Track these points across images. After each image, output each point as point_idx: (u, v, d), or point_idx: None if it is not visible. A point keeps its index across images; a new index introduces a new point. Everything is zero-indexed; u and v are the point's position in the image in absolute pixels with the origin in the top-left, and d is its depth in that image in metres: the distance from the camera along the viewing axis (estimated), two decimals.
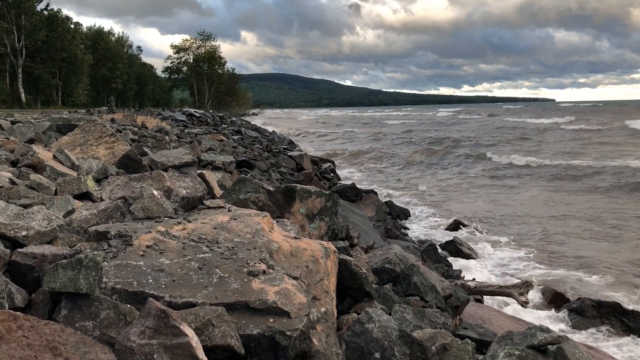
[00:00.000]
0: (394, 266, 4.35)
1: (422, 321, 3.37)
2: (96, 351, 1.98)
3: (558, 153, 27.96)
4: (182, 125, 23.37)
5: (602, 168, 20.98)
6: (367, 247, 5.61)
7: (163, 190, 3.97)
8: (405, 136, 45.16)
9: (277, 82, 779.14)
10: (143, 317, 2.03)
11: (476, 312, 5.39)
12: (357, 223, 8.93)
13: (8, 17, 48.64)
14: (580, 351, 2.52)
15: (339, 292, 3.46)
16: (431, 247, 9.47)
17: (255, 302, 2.47)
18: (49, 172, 5.10)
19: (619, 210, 13.82)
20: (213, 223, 3.36)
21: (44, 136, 8.14)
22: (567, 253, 9.76)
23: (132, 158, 6.44)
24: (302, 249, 3.24)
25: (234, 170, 9.37)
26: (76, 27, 61.82)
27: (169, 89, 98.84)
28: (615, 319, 6.47)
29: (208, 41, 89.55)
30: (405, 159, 28.61)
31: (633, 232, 11.30)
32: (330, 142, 43.20)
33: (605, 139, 34.95)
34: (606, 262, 9.14)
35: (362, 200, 12.84)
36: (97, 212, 3.42)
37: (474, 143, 34.87)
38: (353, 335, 2.71)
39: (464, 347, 2.77)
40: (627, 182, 17.51)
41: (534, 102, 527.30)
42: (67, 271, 2.19)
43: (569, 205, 14.73)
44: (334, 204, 4.73)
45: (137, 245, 2.84)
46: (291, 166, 15.98)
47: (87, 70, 61.90)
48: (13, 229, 2.82)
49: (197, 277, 2.61)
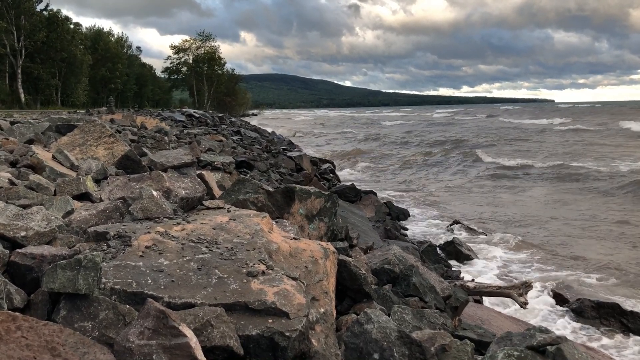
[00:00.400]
0: (393, 267, 4.35)
1: (421, 322, 3.37)
2: (95, 352, 1.98)
3: (556, 154, 28.00)
4: (181, 125, 23.35)
5: (599, 169, 21.05)
6: (367, 247, 5.61)
7: (162, 190, 3.97)
8: (406, 136, 45.52)
9: (276, 82, 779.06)
10: (142, 317, 2.03)
11: (475, 313, 5.39)
12: (357, 224, 8.93)
13: (7, 18, 48.62)
14: (579, 352, 2.52)
15: (338, 292, 3.46)
16: (430, 247, 9.47)
17: (255, 302, 2.47)
18: (48, 173, 5.10)
19: (618, 211, 13.83)
20: (212, 224, 3.36)
21: (43, 136, 8.14)
22: (567, 254, 9.77)
23: (132, 158, 6.43)
24: (302, 250, 3.24)
25: (233, 171, 9.37)
26: (75, 27, 61.79)
27: (168, 90, 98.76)
28: (615, 320, 6.48)
29: (208, 41, 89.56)
30: (403, 159, 28.63)
31: (632, 233, 11.31)
32: (328, 143, 43.28)
33: (602, 140, 35.17)
34: (606, 263, 9.15)
35: (361, 201, 12.85)
36: (96, 213, 3.42)
37: (473, 144, 34.98)
38: (352, 336, 2.71)
39: (463, 348, 2.77)
40: (624, 183, 17.55)
41: (533, 103, 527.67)
42: (66, 272, 2.19)
43: (568, 205, 14.74)
44: (334, 205, 4.73)
45: (136, 245, 2.84)
46: (290, 167, 15.97)
47: (86, 70, 61.84)
48: (12, 229, 2.81)
49: (196, 277, 2.61)
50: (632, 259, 9.34)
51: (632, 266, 8.95)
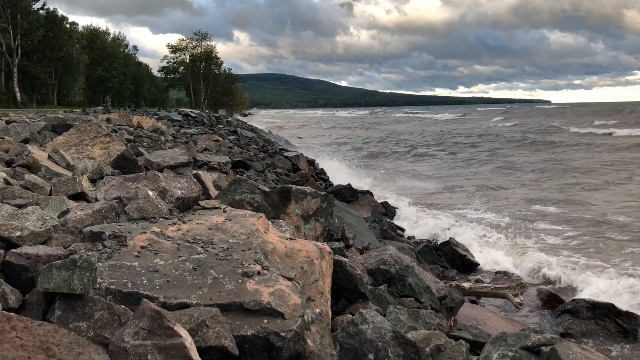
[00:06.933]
0: (389, 267, 4.36)
1: (417, 322, 3.38)
2: (90, 352, 1.98)
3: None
4: (178, 125, 23.31)
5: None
6: (363, 248, 5.62)
7: (158, 190, 3.96)
8: (405, 135, 46.36)
9: (273, 82, 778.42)
10: (137, 317, 2.03)
11: (471, 313, 5.41)
12: (353, 224, 8.93)
13: (4, 16, 48.45)
14: (574, 352, 2.53)
15: (333, 293, 3.46)
16: (426, 248, 9.49)
17: (250, 303, 2.47)
18: (43, 172, 5.09)
19: (617, 211, 13.89)
20: (208, 224, 3.36)
21: (39, 136, 8.11)
22: (563, 254, 9.79)
23: (128, 158, 6.43)
24: (297, 250, 3.24)
25: (229, 171, 9.37)
26: (72, 26, 61.61)
27: (165, 89, 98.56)
28: (610, 320, 6.50)
29: (204, 41, 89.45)
30: (402, 160, 28.65)
31: (623, 234, 11.34)
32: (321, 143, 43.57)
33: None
34: (603, 263, 9.17)
35: (357, 201, 12.85)
36: (91, 213, 3.41)
37: (489, 146, 35.76)
38: (347, 336, 2.71)
39: (458, 348, 2.78)
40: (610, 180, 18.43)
41: (529, 104, 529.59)
42: (61, 272, 2.18)
43: (567, 206, 14.78)
44: (330, 205, 4.74)
45: (131, 245, 2.83)
46: (287, 167, 15.96)
47: (83, 70, 61.65)
48: (7, 229, 2.81)
49: (192, 278, 2.61)
50: (626, 259, 9.35)
51: (627, 266, 8.97)
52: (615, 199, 15.68)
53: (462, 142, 39.19)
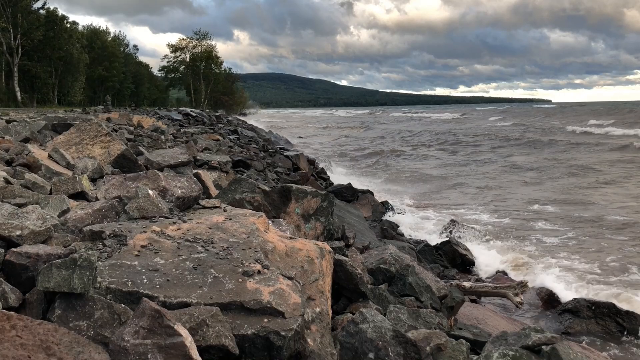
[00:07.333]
0: (390, 266, 4.35)
1: (417, 321, 3.37)
2: (90, 351, 1.98)
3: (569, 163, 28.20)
4: (178, 124, 23.33)
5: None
6: (363, 247, 5.62)
7: (158, 190, 3.96)
8: (405, 135, 46.39)
9: (273, 81, 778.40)
10: (137, 316, 2.03)
11: (471, 313, 5.41)
12: (353, 223, 8.93)
13: (4, 16, 48.46)
14: (574, 351, 2.53)
15: (334, 292, 3.46)
16: (427, 247, 9.47)
17: (250, 302, 2.47)
18: (44, 172, 5.09)
19: (617, 210, 13.89)
20: (208, 223, 3.36)
21: (39, 135, 8.11)
22: (563, 254, 9.79)
23: (128, 157, 6.42)
24: (297, 249, 3.24)
25: (230, 170, 9.37)
26: (72, 26, 61.61)
27: (165, 88, 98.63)
28: (610, 319, 6.49)
29: (204, 40, 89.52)
30: (401, 160, 28.67)
31: (622, 233, 11.34)
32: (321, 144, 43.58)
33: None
34: (602, 262, 9.17)
35: (358, 201, 12.85)
36: (92, 212, 3.41)
37: (478, 144, 35.71)
38: (347, 335, 2.71)
39: (458, 348, 2.78)
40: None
41: (529, 103, 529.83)
42: (61, 271, 2.18)
43: (567, 206, 14.78)
44: (330, 204, 4.74)
45: (131, 245, 2.83)
46: (287, 166, 15.96)
47: (83, 69, 61.67)
48: (7, 228, 2.81)
49: (192, 277, 2.61)
50: (627, 259, 9.36)
51: (627, 266, 8.97)
52: (615, 198, 15.69)
53: (462, 141, 39.23)
